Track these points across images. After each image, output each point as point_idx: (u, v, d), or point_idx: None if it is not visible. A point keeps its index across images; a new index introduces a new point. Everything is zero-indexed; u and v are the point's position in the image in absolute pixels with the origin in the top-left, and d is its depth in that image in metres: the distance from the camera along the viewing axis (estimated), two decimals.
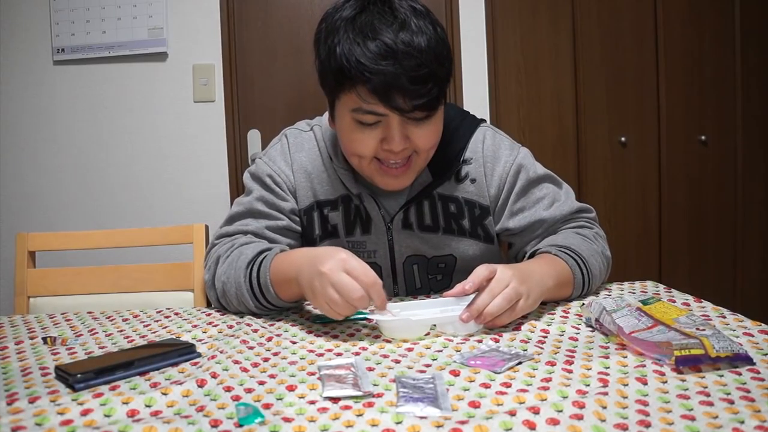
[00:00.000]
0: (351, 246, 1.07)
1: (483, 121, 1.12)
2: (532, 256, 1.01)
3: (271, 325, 0.90)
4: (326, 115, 1.06)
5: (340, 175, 1.05)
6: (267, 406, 0.58)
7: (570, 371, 0.65)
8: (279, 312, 0.96)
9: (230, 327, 0.89)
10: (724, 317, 0.82)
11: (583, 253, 0.97)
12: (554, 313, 0.89)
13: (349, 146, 0.97)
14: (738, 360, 0.63)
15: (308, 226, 1.08)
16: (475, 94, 2.53)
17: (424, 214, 1.06)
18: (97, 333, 0.88)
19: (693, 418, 0.52)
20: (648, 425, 0.51)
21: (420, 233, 1.06)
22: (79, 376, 0.64)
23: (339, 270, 0.78)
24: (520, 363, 0.68)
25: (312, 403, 0.59)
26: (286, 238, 1.06)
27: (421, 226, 1.06)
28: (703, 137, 2.60)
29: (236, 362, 0.72)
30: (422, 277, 1.09)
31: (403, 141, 0.92)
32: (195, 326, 0.90)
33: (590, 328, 0.80)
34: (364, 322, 0.88)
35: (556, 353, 0.71)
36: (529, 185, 1.07)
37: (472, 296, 0.86)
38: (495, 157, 1.07)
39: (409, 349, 0.75)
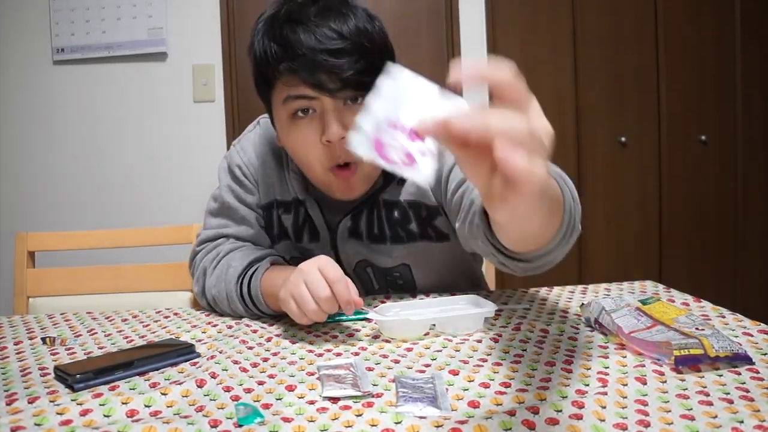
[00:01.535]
0: (299, 253, 1.05)
1: None
2: None
3: (271, 325, 0.90)
4: None
5: (292, 179, 1.01)
6: (266, 406, 0.58)
7: (569, 371, 0.65)
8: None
9: (229, 327, 0.89)
10: (724, 317, 0.82)
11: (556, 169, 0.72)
12: (554, 313, 0.89)
13: (296, 154, 0.93)
14: (737, 360, 0.63)
15: (267, 222, 1.06)
16: (475, 94, 2.53)
17: (372, 223, 1.01)
18: (96, 333, 0.88)
19: (692, 418, 0.52)
20: (647, 425, 0.51)
21: (370, 243, 1.01)
22: (78, 376, 0.64)
23: (314, 267, 0.78)
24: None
25: (311, 403, 0.59)
26: (265, 235, 1.06)
27: (370, 236, 1.01)
28: (703, 137, 2.60)
29: (235, 362, 0.72)
30: (379, 281, 1.05)
31: (340, 129, 0.86)
32: (194, 326, 0.90)
33: (589, 328, 0.80)
34: (364, 322, 0.88)
35: (555, 353, 0.71)
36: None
37: (473, 297, 0.86)
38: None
39: (409, 349, 0.75)
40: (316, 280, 0.77)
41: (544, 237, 0.63)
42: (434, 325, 0.82)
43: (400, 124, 0.47)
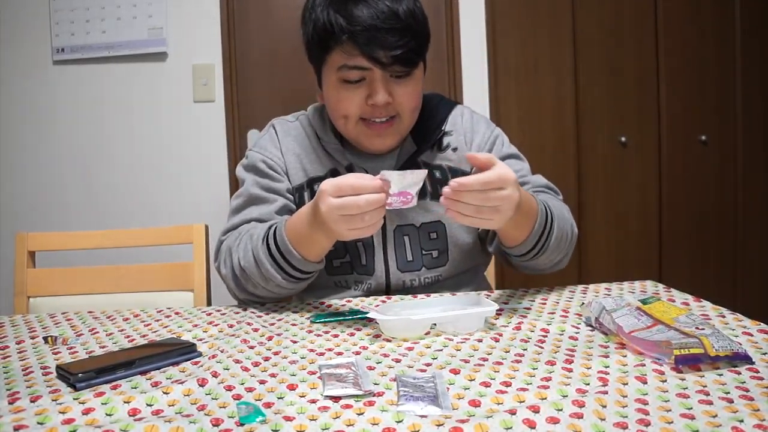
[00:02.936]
0: None
1: (460, 103, 1.20)
2: None
3: (272, 324, 0.90)
4: (310, 108, 1.18)
5: (330, 150, 1.10)
6: (268, 405, 0.58)
7: (570, 370, 0.65)
8: (279, 311, 0.97)
9: (231, 326, 0.89)
10: (724, 317, 0.82)
11: (554, 210, 0.98)
12: (554, 313, 0.89)
13: (336, 108, 1.05)
14: (737, 359, 0.63)
15: (300, 204, 1.11)
16: (475, 94, 2.53)
17: None
18: (98, 332, 0.88)
19: (692, 417, 0.52)
20: (647, 424, 0.51)
21: None
22: (80, 375, 0.64)
23: (329, 198, 0.81)
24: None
25: (313, 402, 0.59)
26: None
27: None
28: (703, 137, 2.60)
29: (237, 361, 0.72)
30: (414, 250, 1.09)
31: (386, 96, 1.00)
32: (196, 326, 0.90)
33: (590, 328, 0.81)
34: (365, 321, 0.88)
35: (556, 352, 0.71)
36: (507, 156, 1.13)
37: (474, 297, 0.87)
38: (474, 130, 1.15)
39: (410, 349, 0.75)
40: (347, 204, 0.80)
41: (517, 237, 0.95)
42: (435, 324, 0.82)
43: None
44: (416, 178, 0.82)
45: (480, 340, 0.77)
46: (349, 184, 0.80)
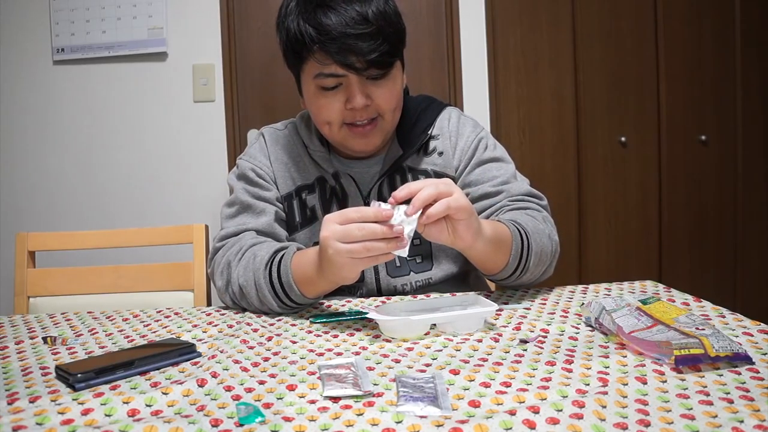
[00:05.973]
0: None
1: (450, 104, 1.19)
2: None
3: (271, 324, 0.90)
4: (298, 115, 1.18)
5: (316, 158, 1.11)
6: (267, 406, 0.58)
7: (570, 371, 0.65)
8: (279, 312, 0.97)
9: (230, 327, 0.89)
10: (724, 317, 0.82)
11: (527, 227, 0.96)
12: (554, 313, 0.89)
13: (317, 115, 1.05)
14: (737, 359, 0.63)
15: (289, 212, 1.12)
16: (475, 94, 2.53)
17: (396, 188, 1.07)
18: (97, 333, 0.88)
19: (692, 418, 0.52)
20: (647, 424, 0.51)
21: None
22: (79, 375, 0.64)
23: (332, 236, 0.79)
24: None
25: (312, 402, 0.59)
26: (282, 228, 1.10)
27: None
28: (703, 137, 2.60)
29: (236, 362, 0.72)
30: (401, 258, 1.09)
31: (364, 99, 1.00)
32: (195, 326, 0.90)
33: (590, 328, 0.81)
34: (365, 322, 0.88)
35: (555, 353, 0.71)
36: (488, 161, 1.12)
37: (474, 297, 0.87)
38: (459, 133, 1.13)
39: (409, 349, 0.75)
40: (347, 232, 0.78)
41: (497, 264, 0.93)
42: (435, 325, 0.82)
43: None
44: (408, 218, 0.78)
45: (480, 341, 0.77)
46: (355, 233, 0.78)
